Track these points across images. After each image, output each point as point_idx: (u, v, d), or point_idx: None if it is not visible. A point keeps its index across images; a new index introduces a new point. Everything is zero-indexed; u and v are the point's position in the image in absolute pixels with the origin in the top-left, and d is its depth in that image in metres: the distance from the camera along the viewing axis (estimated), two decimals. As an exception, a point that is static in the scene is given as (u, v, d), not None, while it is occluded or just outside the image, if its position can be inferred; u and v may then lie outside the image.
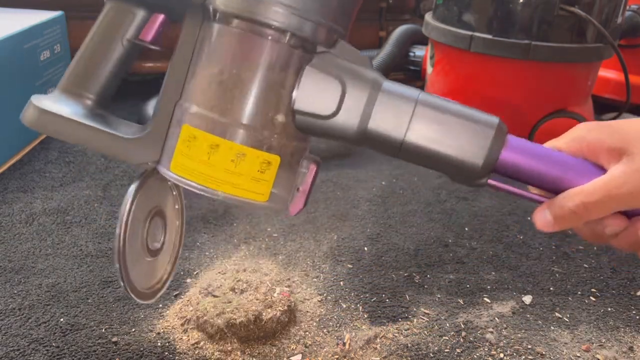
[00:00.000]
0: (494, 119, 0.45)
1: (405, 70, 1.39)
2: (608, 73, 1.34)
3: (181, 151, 0.46)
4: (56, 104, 0.50)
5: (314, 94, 0.45)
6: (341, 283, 0.73)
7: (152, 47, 0.51)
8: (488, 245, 0.83)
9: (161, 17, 0.52)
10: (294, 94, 0.45)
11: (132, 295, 0.51)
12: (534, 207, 0.51)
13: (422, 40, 1.35)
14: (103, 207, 0.87)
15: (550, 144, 0.46)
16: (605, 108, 1.34)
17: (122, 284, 0.50)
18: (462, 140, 0.45)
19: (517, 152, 0.45)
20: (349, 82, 0.46)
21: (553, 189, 0.44)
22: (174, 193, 0.57)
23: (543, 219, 0.44)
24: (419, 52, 1.36)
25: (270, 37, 0.44)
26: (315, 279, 0.73)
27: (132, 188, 0.50)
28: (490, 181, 0.46)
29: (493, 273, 0.76)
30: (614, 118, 1.22)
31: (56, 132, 0.49)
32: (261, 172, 0.46)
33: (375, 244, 0.82)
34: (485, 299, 0.71)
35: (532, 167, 0.45)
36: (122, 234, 0.49)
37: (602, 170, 0.42)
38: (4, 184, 0.92)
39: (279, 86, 0.45)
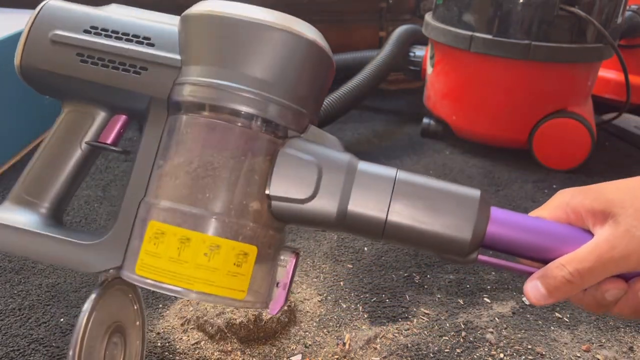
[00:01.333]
0: (476, 192, 0.44)
1: (405, 70, 1.40)
2: (608, 73, 1.34)
3: (147, 250, 0.42)
4: (8, 215, 0.47)
5: (289, 178, 0.43)
6: (341, 283, 0.73)
7: (113, 148, 0.49)
8: (488, 245, 0.83)
9: (123, 118, 0.50)
10: (268, 179, 0.43)
11: None
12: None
13: (422, 40, 1.35)
14: (103, 207, 0.87)
15: (534, 214, 0.45)
16: (605, 108, 1.34)
17: None
18: (447, 216, 0.43)
19: (503, 224, 0.44)
20: (324, 164, 0.44)
21: (542, 259, 0.43)
22: (135, 307, 0.52)
23: (536, 291, 0.42)
24: (419, 52, 1.36)
25: (240, 124, 0.42)
26: (315, 279, 0.73)
27: (89, 300, 0.44)
28: (480, 257, 0.44)
29: (493, 273, 0.76)
30: (614, 118, 1.22)
31: (9, 246, 0.45)
32: (238, 266, 0.42)
33: (375, 244, 0.82)
34: (485, 299, 0.71)
35: (519, 238, 0.43)
36: (77, 353, 0.43)
37: (590, 234, 0.41)
38: (4, 184, 0.92)
39: (251, 173, 0.42)
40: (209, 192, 0.42)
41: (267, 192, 0.43)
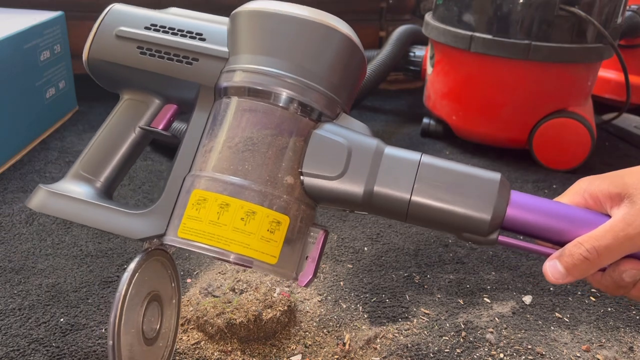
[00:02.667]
0: (497, 175, 0.46)
1: (405, 70, 1.40)
2: (608, 73, 1.35)
3: (190, 215, 0.46)
4: (65, 187, 0.52)
5: (321, 157, 0.47)
6: (341, 283, 0.73)
7: (163, 133, 0.55)
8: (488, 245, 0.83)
9: (173, 107, 0.56)
10: (302, 157, 0.47)
11: None
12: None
13: (422, 40, 1.35)
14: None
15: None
16: (605, 108, 1.34)
17: None
18: (468, 196, 0.45)
19: (522, 207, 0.45)
20: (353, 146, 0.47)
21: (561, 241, 0.44)
22: (169, 272, 0.55)
23: (555, 270, 0.43)
24: (419, 52, 1.36)
25: (278, 106, 0.47)
26: (315, 279, 0.73)
27: (133, 262, 0.48)
28: (500, 238, 0.46)
29: (493, 273, 0.76)
30: (614, 118, 1.22)
31: (64, 212, 0.50)
32: (271, 232, 0.45)
33: (375, 244, 0.82)
34: (485, 299, 0.71)
35: (538, 221, 0.45)
36: (117, 323, 0.46)
37: (607, 217, 0.43)
38: (4, 184, 0.92)
39: (287, 150, 0.47)
40: (248, 164, 0.46)
41: (300, 168, 0.47)
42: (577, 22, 1.00)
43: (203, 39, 0.53)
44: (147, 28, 0.54)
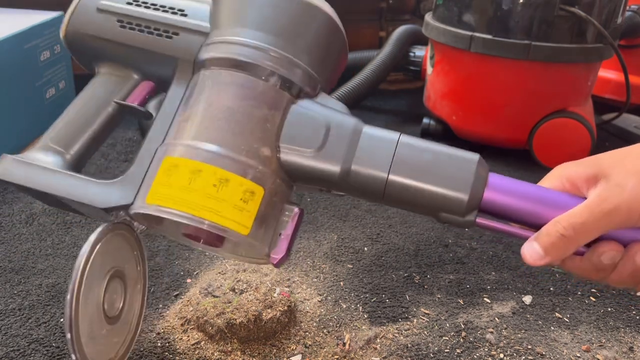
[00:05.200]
0: (475, 155, 0.46)
1: (405, 70, 1.39)
2: (608, 73, 1.34)
3: (160, 181, 0.45)
4: (33, 156, 0.51)
5: (299, 131, 0.46)
6: (341, 283, 0.73)
7: (138, 108, 0.53)
8: (488, 245, 0.83)
9: (150, 84, 0.55)
10: (279, 130, 0.46)
11: None
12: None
13: (422, 40, 1.35)
14: (103, 207, 0.86)
15: None
16: (605, 108, 1.34)
17: (73, 357, 0.45)
18: (445, 175, 0.45)
19: (500, 190, 0.45)
20: (332, 123, 0.47)
21: (539, 224, 0.44)
22: (135, 253, 0.54)
23: (532, 251, 0.42)
24: (419, 52, 1.36)
25: (261, 79, 0.47)
26: (315, 279, 0.73)
27: (90, 240, 0.47)
28: (478, 220, 0.45)
29: (493, 273, 0.76)
30: (614, 118, 1.22)
31: (29, 180, 0.49)
32: (244, 202, 0.44)
33: (375, 244, 0.82)
34: (485, 299, 0.71)
35: (516, 204, 0.44)
36: (75, 292, 0.45)
37: (584, 199, 0.43)
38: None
39: (264, 121, 0.46)
40: (224, 132, 0.45)
41: (277, 142, 0.46)
42: (577, 22, 1.00)
43: (185, 15, 0.53)
44: (129, 3, 0.54)
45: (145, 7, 0.54)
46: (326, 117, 0.47)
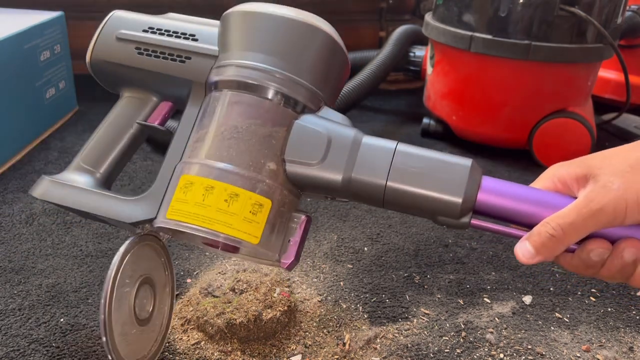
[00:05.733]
0: (468, 160, 0.48)
1: (405, 70, 1.39)
2: (608, 73, 1.35)
3: (178, 198, 0.49)
4: (67, 177, 0.56)
5: (302, 145, 0.50)
6: (341, 283, 0.73)
7: (159, 128, 0.59)
8: (488, 246, 0.83)
9: (169, 105, 0.60)
10: (284, 145, 0.50)
11: None
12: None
13: (422, 40, 1.35)
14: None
15: None
16: (605, 108, 1.34)
17: (110, 357, 0.50)
18: (440, 180, 0.48)
19: (493, 192, 0.47)
20: (333, 136, 0.50)
21: (531, 224, 0.45)
22: (163, 259, 0.59)
23: (524, 250, 0.44)
24: (419, 52, 1.36)
25: (262, 97, 0.50)
26: (315, 279, 0.73)
27: (120, 251, 0.51)
28: (473, 221, 0.47)
29: (493, 273, 0.76)
30: (614, 118, 1.22)
31: (64, 199, 0.54)
32: (253, 214, 0.47)
33: (375, 244, 0.82)
34: (485, 299, 0.71)
35: (509, 205, 0.46)
36: (108, 298, 0.50)
37: (574, 198, 0.45)
38: (4, 184, 0.92)
39: (270, 138, 0.49)
40: (233, 151, 0.49)
41: (282, 156, 0.49)
42: (577, 22, 1.00)
43: (195, 39, 0.57)
44: (144, 31, 0.59)
45: (160, 34, 0.59)
46: (328, 130, 0.50)
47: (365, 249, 0.80)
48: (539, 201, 0.46)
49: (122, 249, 0.52)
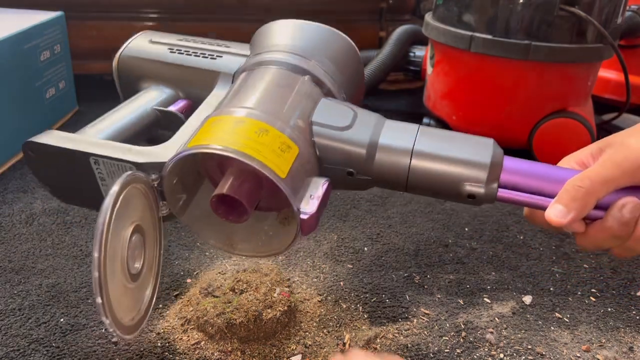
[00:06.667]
0: (489, 138, 0.50)
1: (405, 70, 1.39)
2: (608, 73, 1.35)
3: (203, 131, 0.47)
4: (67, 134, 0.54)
5: (330, 113, 0.51)
6: (341, 283, 0.73)
7: (177, 114, 0.61)
8: (488, 246, 0.83)
9: (190, 102, 0.63)
10: (312, 111, 0.51)
11: (118, 333, 0.47)
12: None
13: (422, 40, 1.35)
14: (103, 207, 0.86)
15: None
16: (605, 108, 1.34)
17: (105, 320, 0.45)
18: (466, 146, 0.49)
19: (516, 172, 0.48)
20: (358, 111, 0.52)
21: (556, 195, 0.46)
22: (151, 206, 0.53)
23: (555, 211, 0.45)
24: (419, 52, 1.36)
25: (298, 74, 0.54)
26: (315, 279, 0.73)
27: (112, 192, 0.45)
28: (500, 193, 0.48)
29: (493, 273, 0.76)
30: (614, 118, 1.22)
31: (65, 142, 0.52)
32: (282, 150, 0.46)
33: (375, 244, 0.82)
34: (485, 299, 0.71)
35: (532, 184, 0.47)
36: (102, 251, 0.44)
37: None
38: (4, 184, 0.92)
39: (300, 104, 0.51)
40: (265, 102, 0.50)
41: (310, 118, 0.50)
42: (577, 22, 1.00)
43: (228, 47, 0.63)
44: (178, 40, 0.64)
45: (194, 42, 0.64)
46: (352, 107, 0.52)
47: (365, 249, 0.80)
48: (562, 175, 0.46)
49: (113, 189, 0.45)
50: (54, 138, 0.52)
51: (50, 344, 0.60)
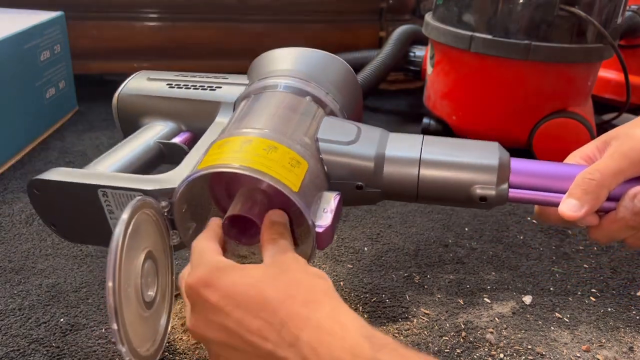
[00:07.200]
0: (494, 142, 0.50)
1: (405, 70, 1.39)
2: (608, 73, 1.34)
3: (211, 153, 0.47)
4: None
5: (334, 130, 0.52)
6: (341, 283, 0.73)
7: (180, 145, 0.61)
8: (488, 245, 0.83)
9: (191, 135, 0.63)
10: (317, 129, 0.52)
11: None
12: (533, 207, 0.51)
13: (422, 40, 1.35)
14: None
15: None
16: (605, 108, 1.34)
17: (122, 348, 0.43)
18: (473, 150, 0.49)
19: (524, 171, 0.48)
20: (361, 127, 0.53)
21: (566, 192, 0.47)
22: (162, 232, 0.52)
23: (568, 205, 0.45)
24: (419, 52, 1.36)
25: (303, 97, 0.55)
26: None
27: (123, 220, 0.44)
28: (511, 193, 0.48)
29: (493, 273, 0.76)
30: (614, 118, 1.22)
31: (75, 177, 0.52)
32: (292, 166, 0.46)
33: (375, 244, 0.82)
34: (485, 299, 0.71)
35: (541, 182, 0.47)
36: (116, 280, 0.43)
37: None
38: (4, 184, 0.92)
39: (303, 122, 0.52)
40: (270, 121, 0.50)
41: (316, 135, 0.51)
42: (577, 22, 1.00)
43: (226, 78, 0.64)
44: (176, 75, 0.66)
45: (191, 76, 0.65)
46: (355, 124, 0.53)
47: (365, 249, 0.80)
48: (571, 170, 0.47)
49: (124, 217, 0.44)
50: (60, 174, 0.52)
51: (50, 344, 0.60)
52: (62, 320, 0.63)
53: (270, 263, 0.42)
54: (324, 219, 0.46)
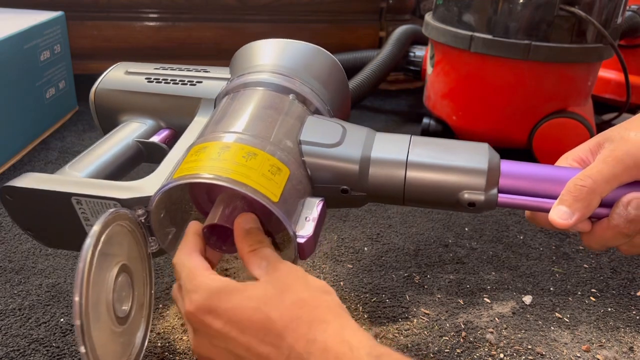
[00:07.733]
0: (484, 143, 0.49)
1: (405, 70, 1.39)
2: (608, 73, 1.34)
3: (188, 160, 0.45)
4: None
5: (317, 130, 0.50)
6: (341, 283, 0.73)
7: (159, 144, 0.59)
8: (488, 245, 0.83)
9: (172, 132, 0.61)
10: (300, 131, 0.50)
11: None
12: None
13: (422, 40, 1.35)
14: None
15: None
16: (605, 108, 1.34)
17: None
18: (462, 153, 0.47)
19: (513, 173, 0.47)
20: (347, 126, 0.51)
21: (557, 196, 0.45)
22: (139, 244, 0.50)
23: (559, 212, 0.43)
24: (419, 52, 1.36)
25: (282, 94, 0.53)
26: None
27: (93, 234, 0.42)
28: (500, 198, 0.46)
29: (493, 273, 0.76)
30: (614, 118, 1.22)
31: (46, 184, 0.49)
32: (272, 174, 0.44)
33: (375, 244, 0.82)
34: (485, 299, 0.71)
35: (531, 187, 0.46)
36: (83, 297, 0.39)
37: None
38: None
39: (286, 123, 0.50)
40: (251, 124, 0.48)
41: (299, 138, 0.49)
42: (577, 22, 1.00)
43: (207, 72, 0.62)
44: (155, 69, 0.63)
45: (171, 69, 0.63)
46: (341, 123, 0.51)
47: (365, 249, 0.81)
48: (563, 174, 0.45)
49: (94, 230, 0.42)
50: (33, 180, 0.49)
51: (50, 344, 0.60)
52: (62, 320, 0.63)
53: (268, 280, 0.41)
54: (305, 229, 0.45)
